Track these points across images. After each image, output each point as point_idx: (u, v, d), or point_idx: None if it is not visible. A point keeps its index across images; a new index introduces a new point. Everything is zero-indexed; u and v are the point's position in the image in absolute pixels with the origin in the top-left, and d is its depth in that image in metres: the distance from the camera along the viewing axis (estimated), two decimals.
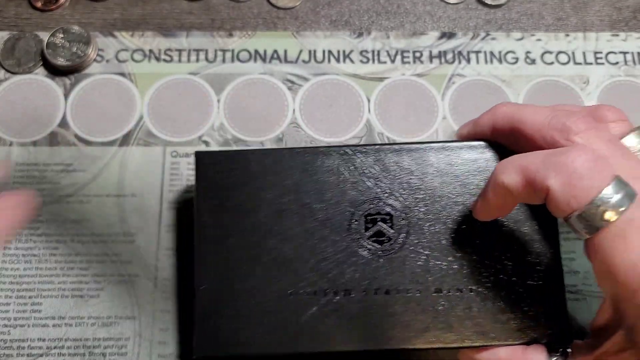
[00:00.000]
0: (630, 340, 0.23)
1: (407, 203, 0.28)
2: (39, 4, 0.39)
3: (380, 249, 0.28)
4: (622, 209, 0.21)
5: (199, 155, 0.29)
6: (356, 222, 0.28)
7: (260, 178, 0.28)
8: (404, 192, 0.28)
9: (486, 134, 0.29)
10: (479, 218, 0.27)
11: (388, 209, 0.28)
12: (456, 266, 0.27)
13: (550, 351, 0.25)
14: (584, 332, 0.31)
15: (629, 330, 0.22)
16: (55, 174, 0.35)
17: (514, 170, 0.24)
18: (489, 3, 0.40)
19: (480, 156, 0.28)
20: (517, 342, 0.27)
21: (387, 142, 0.35)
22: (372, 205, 0.28)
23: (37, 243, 0.33)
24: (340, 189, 0.28)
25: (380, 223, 0.28)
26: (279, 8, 0.40)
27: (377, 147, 0.29)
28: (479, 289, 0.27)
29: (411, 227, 0.28)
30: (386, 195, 0.28)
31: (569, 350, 0.25)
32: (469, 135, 0.30)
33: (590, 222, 0.22)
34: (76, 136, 0.35)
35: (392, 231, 0.28)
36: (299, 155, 0.29)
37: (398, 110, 0.37)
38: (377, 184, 0.28)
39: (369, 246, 0.28)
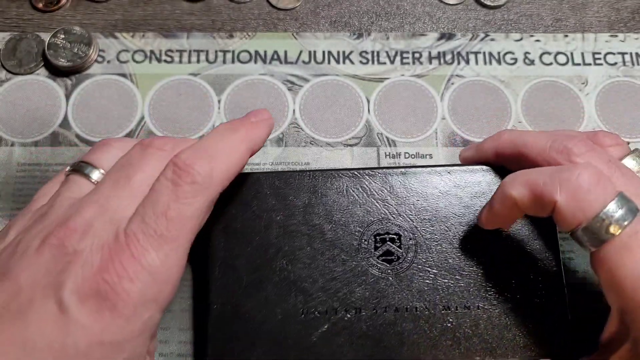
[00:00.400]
0: (636, 353, 0.23)
1: (415, 223, 0.29)
2: (40, 5, 0.39)
3: (389, 268, 0.28)
4: (626, 222, 0.22)
5: None
6: (365, 242, 0.29)
7: (269, 199, 0.29)
8: (411, 213, 0.29)
9: (489, 159, 0.30)
10: (485, 226, 0.28)
11: (396, 229, 0.29)
12: (463, 284, 0.28)
13: None
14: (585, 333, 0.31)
15: (635, 343, 0.23)
16: (56, 174, 0.35)
17: (521, 184, 0.25)
18: (487, 4, 0.40)
19: (483, 179, 0.30)
20: (526, 357, 0.27)
21: (392, 165, 0.36)
22: (380, 226, 0.29)
23: None
24: (349, 210, 0.29)
25: (389, 243, 0.29)
26: (279, 9, 0.40)
27: (384, 170, 0.30)
28: (486, 306, 0.28)
29: (419, 247, 0.29)
30: (394, 216, 0.29)
31: None
32: (472, 159, 0.31)
33: (596, 235, 0.23)
34: (77, 136, 0.36)
35: (400, 250, 0.29)
36: (308, 177, 0.30)
37: (397, 111, 0.37)
38: (385, 205, 0.29)
39: (378, 265, 0.28)
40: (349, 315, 0.28)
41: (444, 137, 0.36)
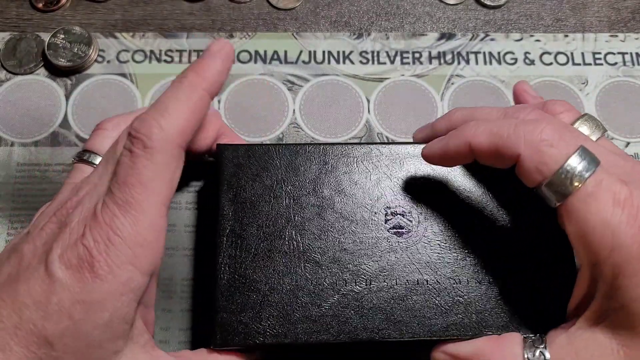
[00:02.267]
0: (606, 307, 0.23)
1: (425, 197, 0.29)
2: (40, 5, 0.39)
3: (399, 241, 0.28)
4: (588, 174, 0.23)
5: (221, 148, 0.30)
6: (375, 215, 0.29)
7: (280, 171, 0.29)
8: (420, 188, 0.29)
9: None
10: (426, 158, 0.28)
11: (406, 203, 0.29)
12: (473, 258, 0.28)
13: (527, 339, 0.25)
14: None
15: (606, 296, 0.23)
16: (56, 174, 0.35)
17: (484, 134, 0.25)
18: (488, 4, 0.40)
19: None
20: (532, 330, 0.27)
21: (403, 141, 0.36)
22: (391, 199, 0.29)
23: None
24: (359, 183, 0.29)
25: (399, 216, 0.29)
26: (279, 9, 0.40)
27: (394, 144, 0.30)
28: (497, 281, 0.28)
29: (429, 221, 0.29)
30: (404, 189, 0.29)
31: (544, 337, 0.25)
32: (426, 139, 0.30)
33: (560, 188, 0.23)
34: (77, 136, 0.36)
35: (411, 224, 0.29)
36: (319, 150, 0.30)
37: (397, 111, 0.37)
38: (395, 179, 0.29)
39: (388, 238, 0.28)
40: (359, 287, 0.28)
41: None
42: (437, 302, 0.27)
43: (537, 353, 0.24)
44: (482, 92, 0.37)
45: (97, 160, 0.29)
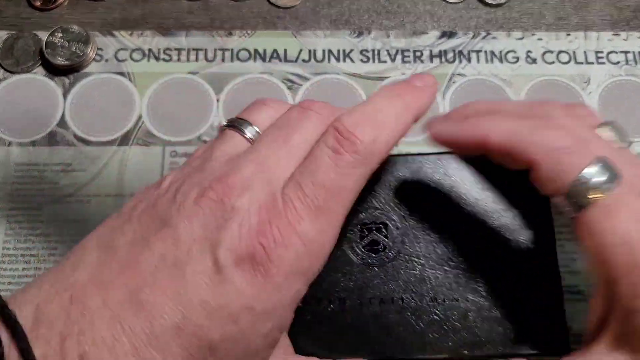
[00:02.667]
0: (626, 327, 0.22)
1: (402, 212, 0.28)
2: (37, 3, 0.39)
3: (375, 258, 0.28)
4: (607, 186, 0.22)
5: None
6: (351, 232, 0.28)
7: None
8: (399, 202, 0.28)
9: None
10: (434, 136, 0.26)
11: (383, 218, 0.28)
12: (451, 275, 0.27)
13: None
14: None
15: (623, 318, 0.22)
16: (54, 174, 0.34)
17: (503, 133, 0.24)
18: (489, 2, 0.40)
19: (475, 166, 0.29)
20: (515, 353, 0.26)
21: None
22: (367, 214, 0.28)
23: (36, 243, 0.33)
24: None
25: (375, 232, 0.28)
26: (278, 7, 0.39)
27: None
28: (475, 299, 0.27)
29: (406, 237, 0.28)
30: (382, 204, 0.28)
31: None
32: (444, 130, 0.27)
33: (576, 199, 0.22)
34: (75, 136, 0.35)
35: (387, 240, 0.28)
36: None
37: None
38: (372, 194, 0.28)
39: (363, 255, 0.28)
40: (332, 306, 0.27)
41: None
42: (412, 320, 0.27)
43: None
44: (483, 91, 0.37)
45: (250, 133, 0.24)
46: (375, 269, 0.27)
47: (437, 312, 0.27)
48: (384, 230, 0.28)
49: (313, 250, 0.21)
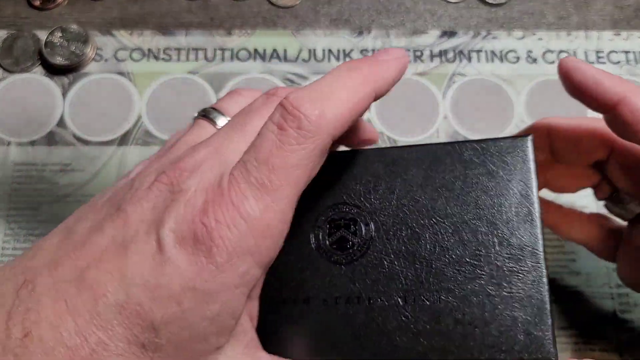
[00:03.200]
0: None
1: (373, 207, 0.27)
2: (37, 3, 0.39)
3: (342, 255, 0.26)
4: None
5: None
6: (319, 229, 0.27)
7: None
8: (369, 196, 0.27)
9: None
10: (568, 70, 0.25)
11: (352, 214, 0.27)
12: (423, 274, 0.25)
13: None
14: (586, 335, 0.30)
15: None
16: (53, 174, 0.34)
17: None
18: (490, 2, 0.40)
19: (458, 164, 0.26)
20: (493, 358, 0.24)
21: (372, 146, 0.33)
22: (335, 210, 0.27)
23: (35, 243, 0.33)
24: (302, 193, 0.26)
25: (343, 229, 0.26)
26: (278, 7, 0.39)
27: (344, 150, 0.28)
28: (448, 299, 0.25)
29: (376, 233, 0.26)
30: (351, 199, 0.27)
31: None
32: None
33: None
34: (74, 136, 0.35)
35: (355, 237, 0.26)
36: None
37: (399, 110, 0.37)
38: (342, 188, 0.27)
39: (330, 253, 0.26)
40: (297, 307, 0.26)
41: (446, 136, 0.36)
42: (379, 322, 0.25)
43: None
44: (484, 91, 0.37)
45: (221, 122, 0.25)
46: (342, 267, 0.26)
47: (406, 313, 0.25)
48: (353, 227, 0.26)
49: (258, 229, 0.20)
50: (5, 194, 0.34)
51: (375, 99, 0.23)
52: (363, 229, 0.26)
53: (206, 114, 0.26)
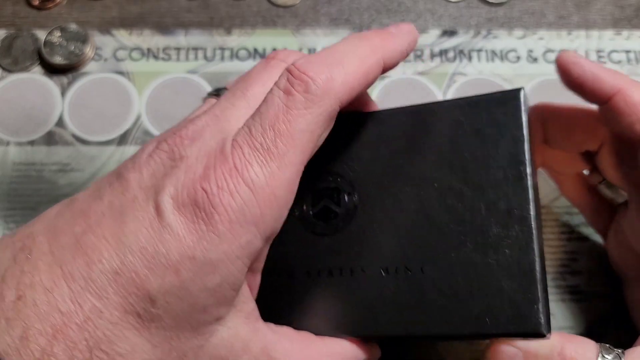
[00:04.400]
0: None
1: (357, 175, 0.25)
2: (36, 2, 0.39)
3: (325, 227, 0.25)
4: None
5: None
6: (302, 199, 0.25)
7: None
8: (352, 164, 0.25)
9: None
10: (566, 64, 0.25)
11: (336, 183, 0.25)
12: (406, 243, 0.24)
13: (603, 350, 0.22)
14: (587, 335, 0.30)
15: None
16: (52, 174, 0.34)
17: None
18: (490, 1, 0.40)
19: (450, 118, 0.24)
20: (478, 332, 0.22)
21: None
22: (318, 180, 0.25)
23: None
24: None
25: (326, 199, 0.25)
26: (278, 6, 0.39)
27: None
28: (432, 270, 0.23)
29: (360, 202, 0.25)
30: (334, 167, 0.25)
31: (621, 352, 0.22)
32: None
33: None
34: (73, 135, 0.35)
35: (339, 207, 0.25)
36: None
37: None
38: (324, 155, 0.24)
39: (313, 224, 0.25)
40: (280, 278, 0.24)
41: None
42: (359, 293, 0.24)
43: (613, 355, 0.22)
44: (484, 90, 0.37)
45: None
46: (325, 238, 0.25)
47: (388, 285, 0.23)
48: (336, 197, 0.25)
49: (263, 196, 0.19)
50: (4, 194, 0.34)
51: (384, 70, 0.23)
52: (346, 198, 0.25)
53: (216, 92, 0.26)
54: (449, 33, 0.39)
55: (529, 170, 0.23)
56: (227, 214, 0.19)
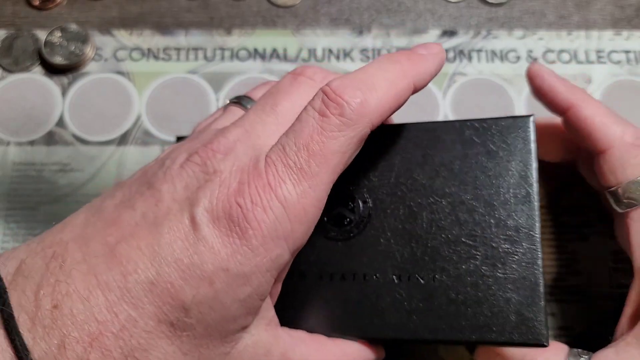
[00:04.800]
0: None
1: (372, 184, 0.26)
2: (36, 3, 0.39)
3: (339, 232, 0.26)
4: None
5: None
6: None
7: None
8: (368, 173, 0.26)
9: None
10: (534, 75, 0.28)
11: (350, 191, 0.26)
12: (418, 252, 0.25)
13: (572, 354, 0.24)
14: (586, 335, 0.30)
15: None
16: (52, 174, 0.34)
17: (595, 110, 0.26)
18: (490, 1, 0.40)
19: (457, 140, 0.26)
20: (483, 339, 0.24)
21: None
22: (333, 187, 0.25)
23: None
24: None
25: (341, 206, 0.26)
26: (278, 6, 0.39)
27: None
28: (443, 278, 0.24)
29: (374, 210, 0.26)
30: (350, 176, 0.26)
31: (588, 358, 0.24)
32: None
33: (635, 195, 0.24)
34: (74, 135, 0.35)
35: (353, 214, 0.26)
36: None
37: (399, 109, 0.36)
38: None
39: (327, 229, 0.26)
40: (291, 281, 0.25)
41: None
42: (373, 298, 0.25)
43: None
44: (484, 90, 0.37)
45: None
46: (339, 243, 0.26)
47: (400, 291, 0.25)
48: (350, 204, 0.26)
49: (294, 213, 0.20)
50: (4, 194, 0.34)
51: (414, 91, 0.23)
52: (361, 206, 0.26)
53: (238, 100, 0.26)
54: (449, 33, 0.39)
55: (536, 190, 0.24)
56: (260, 229, 0.19)
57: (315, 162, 0.20)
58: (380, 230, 0.26)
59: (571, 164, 0.31)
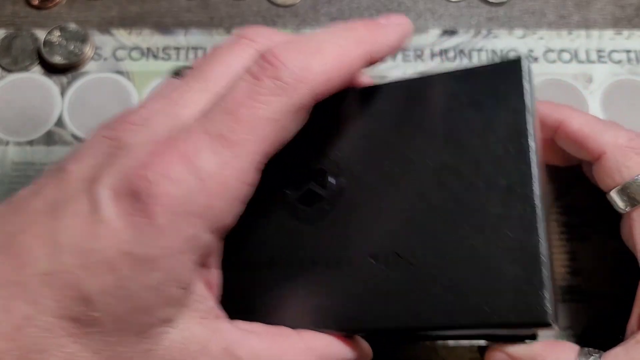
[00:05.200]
0: None
1: (343, 155, 0.23)
2: (35, 2, 0.39)
3: (309, 212, 0.23)
4: None
5: None
6: (283, 182, 0.23)
7: None
8: (338, 143, 0.23)
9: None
10: None
11: (321, 165, 0.23)
12: (398, 229, 0.21)
13: (582, 353, 0.23)
14: (587, 335, 0.30)
15: None
16: None
17: (580, 122, 0.26)
18: (491, 1, 0.40)
19: (445, 91, 0.22)
20: (476, 322, 0.20)
21: None
22: (301, 161, 0.23)
23: None
24: None
25: (310, 182, 0.23)
26: (278, 6, 0.39)
27: None
28: (427, 256, 0.21)
29: (347, 185, 0.23)
30: (320, 147, 0.23)
31: (598, 356, 0.23)
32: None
33: (635, 195, 0.25)
34: (73, 135, 0.35)
35: (323, 191, 0.23)
36: None
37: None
38: (310, 134, 0.22)
39: (296, 209, 0.23)
40: (260, 270, 0.23)
41: None
42: (347, 283, 0.21)
43: None
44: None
45: None
46: (309, 224, 0.22)
47: (377, 273, 0.21)
48: (321, 179, 0.23)
49: (211, 186, 0.17)
50: (3, 194, 0.34)
51: (370, 63, 0.21)
52: (333, 180, 0.23)
53: (180, 72, 0.23)
54: (449, 33, 0.39)
55: (531, 143, 0.21)
56: (169, 205, 0.17)
57: (242, 129, 0.18)
58: (356, 207, 0.22)
59: (575, 165, 0.31)
